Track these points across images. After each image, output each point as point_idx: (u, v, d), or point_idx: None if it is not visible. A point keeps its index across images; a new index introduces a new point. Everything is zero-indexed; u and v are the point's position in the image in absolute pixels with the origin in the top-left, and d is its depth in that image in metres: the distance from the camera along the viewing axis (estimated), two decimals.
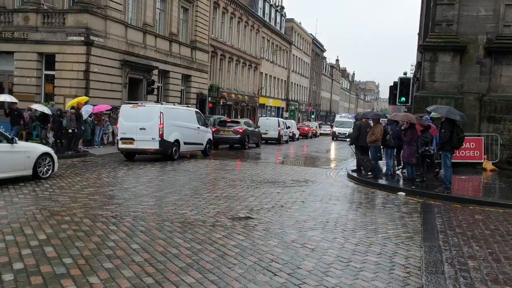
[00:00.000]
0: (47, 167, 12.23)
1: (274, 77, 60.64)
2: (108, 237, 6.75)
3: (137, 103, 18.74)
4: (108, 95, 24.62)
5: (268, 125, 33.31)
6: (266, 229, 7.64)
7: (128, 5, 27.05)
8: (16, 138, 12.08)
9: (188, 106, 25.01)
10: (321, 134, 54.38)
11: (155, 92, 29.53)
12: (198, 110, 22.35)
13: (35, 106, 19.70)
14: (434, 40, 17.68)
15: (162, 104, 18.92)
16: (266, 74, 56.80)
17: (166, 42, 31.30)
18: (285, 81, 65.64)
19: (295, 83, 70.83)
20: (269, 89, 58.98)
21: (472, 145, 16.71)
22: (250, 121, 31.24)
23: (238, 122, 27.55)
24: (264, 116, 47.88)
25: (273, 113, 60.40)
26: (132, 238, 6.76)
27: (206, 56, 37.74)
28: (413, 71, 37.24)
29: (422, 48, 18.79)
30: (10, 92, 24.67)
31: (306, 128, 47.79)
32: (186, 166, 16.57)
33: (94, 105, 21.77)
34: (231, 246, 6.53)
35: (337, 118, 53.60)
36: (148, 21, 28.67)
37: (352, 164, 18.15)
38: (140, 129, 17.10)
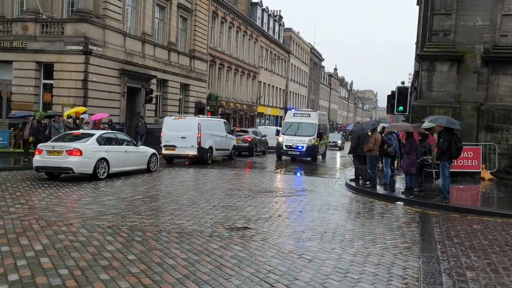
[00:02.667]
0: (154, 163, 17.27)
1: (273, 86, 60.77)
2: (104, 248, 6.71)
3: (178, 116, 23.73)
4: (106, 104, 24.62)
5: (267, 133, 33.55)
6: (263, 239, 7.61)
7: (127, 14, 27.13)
8: (140, 142, 18.45)
9: (219, 118, 28.89)
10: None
11: (154, 101, 29.55)
12: (225, 120, 26.49)
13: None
14: (431, 49, 17.75)
15: (199, 116, 23.16)
16: (264, 83, 56.92)
17: (165, 51, 31.37)
18: (283, 90, 65.78)
19: (293, 92, 70.96)
20: (267, 98, 59.08)
21: (470, 154, 16.72)
22: (258, 130, 32.84)
23: (246, 131, 30.10)
24: (262, 126, 47.91)
25: (272, 122, 60.43)
26: (128, 249, 6.72)
27: (205, 65, 37.81)
28: (411, 80, 37.35)
29: (420, 58, 18.86)
30: (8, 101, 24.71)
31: None
32: (185, 175, 16.56)
33: (91, 115, 21.77)
34: (228, 257, 6.49)
35: (288, 116, 27.50)
36: (147, 30, 28.75)
37: (351, 173, 18.13)
38: (181, 137, 20.49)
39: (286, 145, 24.80)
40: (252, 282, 5.54)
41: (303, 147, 24.59)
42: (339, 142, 45.94)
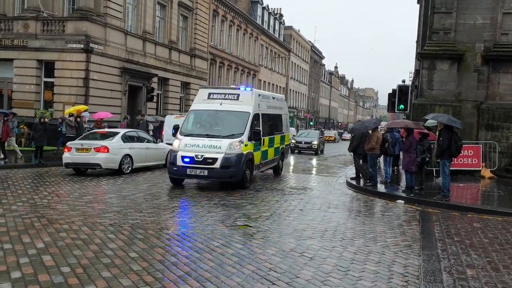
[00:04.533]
0: None
1: (273, 84, 60.77)
2: (106, 246, 6.74)
3: (179, 114, 23.42)
4: (107, 102, 24.64)
5: None
6: (264, 237, 7.64)
7: (128, 12, 27.13)
8: (160, 140, 19.51)
9: None
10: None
11: (155, 99, 29.57)
12: None
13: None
14: (432, 48, 17.76)
15: None
16: (264, 81, 56.91)
17: (166, 49, 31.38)
18: (283, 88, 65.77)
19: (293, 90, 70.98)
20: None
21: (470, 152, 16.74)
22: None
23: None
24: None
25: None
26: (130, 247, 6.75)
27: (205, 63, 37.82)
28: (412, 78, 37.36)
29: (420, 56, 18.87)
30: (9, 99, 24.73)
31: None
32: None
33: (92, 113, 21.83)
34: (229, 255, 6.52)
35: (199, 99, 14.30)
36: (148, 28, 28.75)
37: (351, 172, 18.16)
38: None
39: (185, 159, 12.56)
40: (253, 279, 5.58)
41: (215, 161, 12.38)
42: (315, 142, 32.44)
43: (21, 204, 9.65)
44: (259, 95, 14.49)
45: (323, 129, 73.64)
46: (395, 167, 17.61)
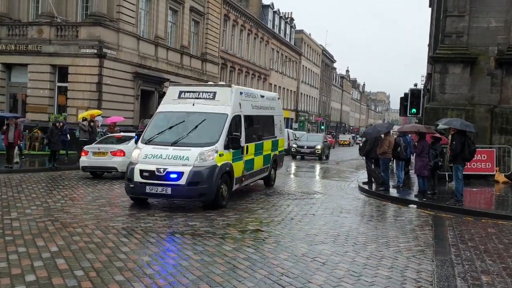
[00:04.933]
0: None
1: (284, 88, 60.76)
2: (119, 249, 6.79)
3: None
4: (120, 107, 24.84)
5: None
6: (276, 242, 7.63)
7: (140, 18, 27.38)
8: None
9: None
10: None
11: None
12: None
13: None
14: (444, 52, 17.63)
15: None
16: (275, 85, 56.95)
17: (177, 54, 31.58)
18: (294, 91, 65.75)
19: (304, 94, 70.89)
20: None
21: (484, 157, 16.56)
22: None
23: None
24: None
25: (285, 125, 60.30)
26: (143, 250, 6.79)
27: (216, 68, 37.98)
28: (424, 82, 37.12)
29: (432, 60, 18.73)
30: (24, 104, 25.06)
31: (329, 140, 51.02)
32: None
33: (105, 117, 22.02)
34: (241, 259, 6.53)
35: (168, 99, 11.75)
36: (160, 34, 28.97)
37: (363, 176, 18.07)
38: None
39: (144, 173, 10.01)
40: (265, 284, 5.57)
41: (180, 175, 9.87)
42: (319, 147, 29.78)
43: (35, 208, 9.76)
44: (241, 93, 11.97)
45: (334, 133, 73.64)
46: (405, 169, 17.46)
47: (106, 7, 24.08)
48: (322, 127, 78.04)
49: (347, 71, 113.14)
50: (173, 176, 9.74)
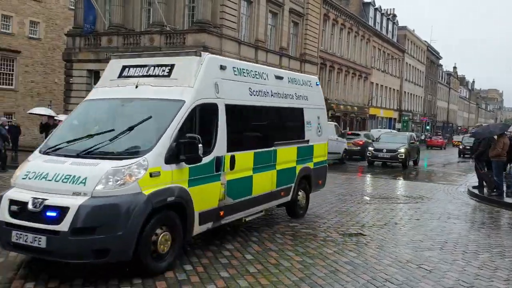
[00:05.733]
0: None
1: (386, 87, 58.80)
2: (223, 246, 7.08)
3: None
4: None
5: None
6: (379, 246, 7.45)
7: (241, 23, 28.25)
8: None
9: (329, 121, 27.80)
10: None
11: None
12: (336, 124, 25.51)
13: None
14: None
15: None
16: (377, 84, 55.33)
17: (276, 56, 32.02)
18: (397, 90, 63.31)
19: (408, 93, 67.93)
20: (380, 99, 57.28)
21: None
22: (370, 133, 32.21)
23: (358, 135, 29.16)
24: (375, 129, 46.20)
25: (384, 125, 58.44)
26: (246, 248, 7.02)
27: (315, 68, 37.85)
28: None
29: None
30: None
31: (440, 140, 52.59)
32: None
33: None
34: (342, 263, 6.48)
35: (106, 79, 7.35)
36: (260, 37, 29.63)
37: (473, 179, 16.89)
38: None
39: (12, 207, 5.53)
40: None
41: (59, 214, 5.27)
42: (402, 150, 23.25)
43: None
44: (222, 66, 7.15)
45: (439, 133, 69.96)
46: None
47: (210, 14, 25.19)
48: (427, 127, 74.22)
49: (455, 67, 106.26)
50: (51, 214, 5.35)
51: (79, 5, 28.44)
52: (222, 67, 7.12)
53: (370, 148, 24.12)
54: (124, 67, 7.11)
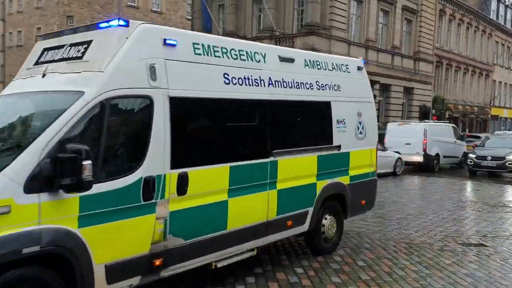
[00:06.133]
0: (399, 167, 18.69)
1: (510, 85, 53.85)
2: (334, 251, 7.06)
3: (402, 122, 23.17)
4: None
5: None
6: (504, 259, 6.91)
7: (351, 23, 27.86)
8: (387, 147, 18.67)
9: (446, 122, 26.25)
10: None
11: (376, 106, 29.49)
12: (454, 126, 24.24)
13: None
14: None
15: (424, 122, 22.27)
16: (500, 82, 50.90)
17: (388, 56, 31.00)
18: None
19: None
20: (503, 99, 52.62)
21: None
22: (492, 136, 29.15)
23: (478, 137, 27.17)
24: (499, 131, 40.41)
25: (509, 126, 53.52)
26: (357, 255, 6.95)
27: (430, 66, 35.96)
28: None
29: None
30: None
31: None
32: (410, 182, 16.09)
33: None
34: (462, 275, 6.13)
35: (29, 62, 5.31)
36: (371, 36, 28.94)
37: None
38: (406, 144, 19.74)
39: None
40: None
41: None
42: None
43: None
44: (166, 42, 4.85)
45: None
46: None
47: (319, 16, 25.22)
48: None
49: None
50: None
51: (195, 15, 30.25)
52: (168, 43, 4.84)
53: (471, 155, 19.53)
54: (43, 51, 5.15)
